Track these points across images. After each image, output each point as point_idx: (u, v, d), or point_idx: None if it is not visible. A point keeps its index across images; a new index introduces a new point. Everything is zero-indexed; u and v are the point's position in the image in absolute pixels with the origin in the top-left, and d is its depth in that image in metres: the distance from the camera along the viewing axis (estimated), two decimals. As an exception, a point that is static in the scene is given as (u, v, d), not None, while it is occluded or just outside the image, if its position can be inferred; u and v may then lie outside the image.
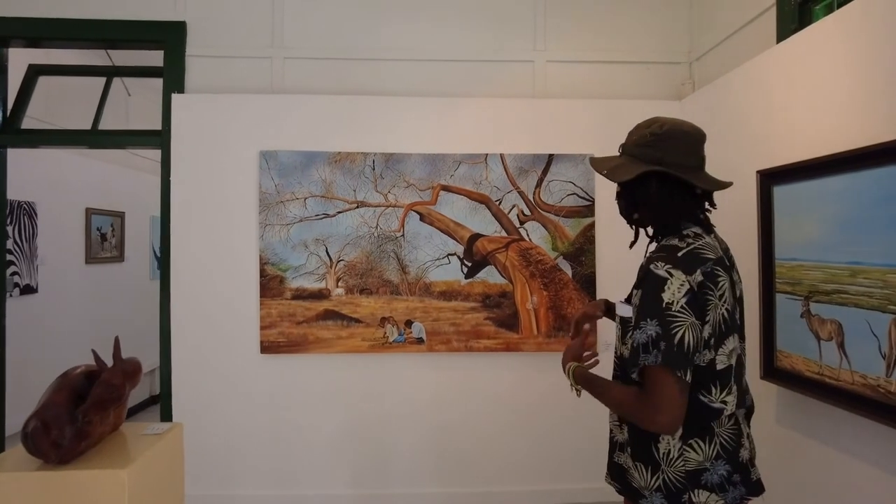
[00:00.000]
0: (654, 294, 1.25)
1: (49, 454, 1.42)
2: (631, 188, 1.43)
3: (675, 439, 1.31)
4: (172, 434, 1.75)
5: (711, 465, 1.30)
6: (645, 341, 1.24)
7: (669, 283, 1.24)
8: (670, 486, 1.30)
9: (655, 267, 1.28)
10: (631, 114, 2.96)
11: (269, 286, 2.92)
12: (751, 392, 1.47)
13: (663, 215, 1.41)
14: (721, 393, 1.31)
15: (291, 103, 2.97)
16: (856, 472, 1.78)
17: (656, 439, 1.32)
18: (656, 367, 1.22)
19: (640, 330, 1.25)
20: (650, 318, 1.24)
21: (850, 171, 1.73)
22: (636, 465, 1.36)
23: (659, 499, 1.32)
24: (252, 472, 2.94)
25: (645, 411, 1.24)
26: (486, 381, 2.99)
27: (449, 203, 2.97)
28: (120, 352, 1.62)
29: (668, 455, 1.31)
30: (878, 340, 1.61)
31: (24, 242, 3.75)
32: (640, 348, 1.25)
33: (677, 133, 1.38)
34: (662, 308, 1.23)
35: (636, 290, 1.34)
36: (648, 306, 1.26)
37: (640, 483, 1.35)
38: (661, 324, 1.23)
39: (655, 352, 1.22)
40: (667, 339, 1.22)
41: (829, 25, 1.90)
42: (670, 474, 1.31)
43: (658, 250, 1.35)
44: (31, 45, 3.15)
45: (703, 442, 1.30)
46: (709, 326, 1.28)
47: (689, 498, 1.29)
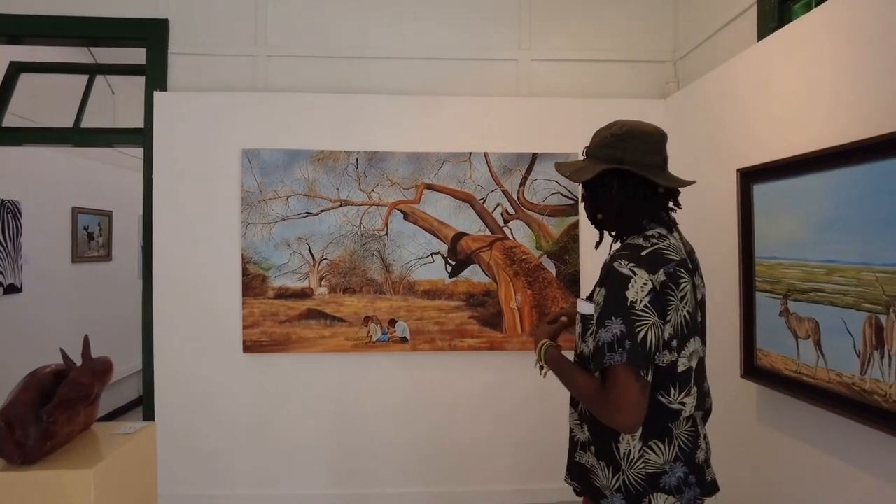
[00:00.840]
0: (617, 292, 1.25)
1: (12, 454, 1.40)
2: (594, 189, 1.44)
3: (636, 440, 1.30)
4: (144, 434, 1.73)
5: (670, 468, 1.30)
6: (610, 340, 1.23)
7: (633, 281, 1.24)
8: (630, 489, 1.30)
9: (619, 265, 1.27)
10: (616, 113, 2.95)
11: (251, 285, 2.90)
12: (711, 395, 1.47)
13: (625, 214, 1.41)
14: (680, 394, 1.30)
15: (274, 101, 2.95)
16: (832, 469, 1.77)
17: (617, 439, 1.32)
18: (620, 367, 1.21)
19: (605, 329, 1.24)
20: (615, 316, 1.23)
21: (826, 170, 1.73)
22: (600, 463, 1.35)
23: (619, 500, 1.31)
24: (235, 471, 2.92)
25: (607, 408, 1.23)
26: (470, 380, 2.98)
27: (433, 202, 2.96)
28: (89, 350, 1.61)
29: (629, 456, 1.31)
30: (853, 338, 1.61)
31: (7, 241, 3.71)
32: (605, 347, 1.23)
33: (637, 133, 1.38)
34: (627, 307, 1.23)
35: (599, 289, 1.32)
36: (613, 305, 1.25)
37: (602, 482, 1.34)
38: (625, 322, 1.22)
39: (620, 350, 1.21)
40: (631, 338, 1.21)
41: (808, 24, 1.90)
42: (630, 476, 1.30)
43: (622, 249, 1.35)
44: (13, 41, 3.12)
45: (662, 443, 1.30)
46: (669, 327, 1.27)
47: (648, 501, 1.29)
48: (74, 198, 4.44)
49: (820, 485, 1.83)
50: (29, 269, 3.93)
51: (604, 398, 1.24)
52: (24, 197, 3.88)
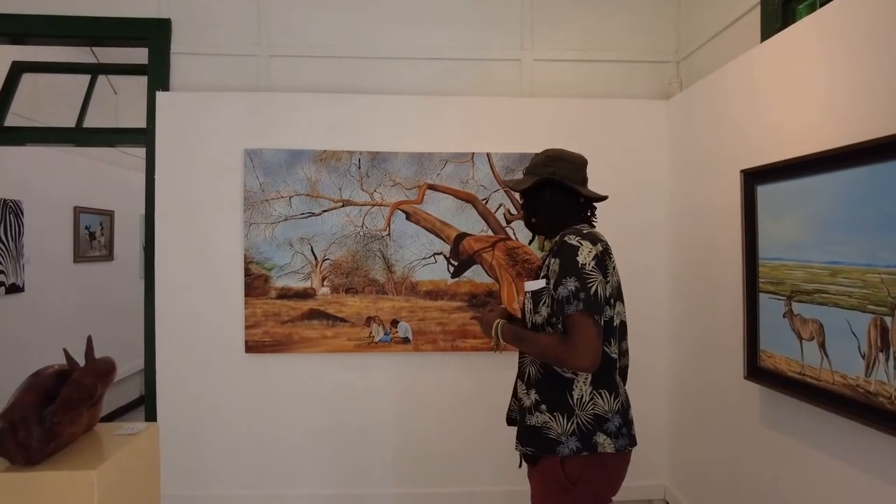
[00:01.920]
0: (570, 258, 1.56)
1: (15, 455, 1.40)
2: (531, 197, 1.80)
3: (587, 385, 1.59)
4: (147, 434, 1.73)
5: (612, 417, 1.59)
6: (566, 295, 1.52)
7: (581, 249, 1.58)
8: (583, 429, 1.57)
9: (569, 239, 1.60)
10: (618, 113, 3.01)
11: (253, 285, 2.90)
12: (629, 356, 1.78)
13: (555, 218, 1.76)
14: (614, 346, 1.63)
15: (277, 101, 2.95)
16: (837, 472, 1.77)
17: (570, 387, 1.59)
18: (578, 314, 1.50)
19: (563, 286, 1.54)
20: (569, 276, 1.54)
21: (830, 171, 1.72)
22: (553, 415, 1.60)
23: (574, 442, 1.57)
24: (236, 471, 2.92)
25: (569, 352, 1.49)
26: (472, 380, 2.98)
27: (435, 202, 2.96)
28: (92, 351, 1.60)
29: (581, 400, 1.58)
30: (858, 340, 1.61)
31: (9, 241, 3.72)
32: (563, 301, 1.53)
33: (565, 155, 1.77)
34: (578, 268, 1.54)
35: (554, 259, 1.61)
36: (567, 267, 1.55)
37: (557, 432, 1.58)
38: (578, 280, 1.53)
39: (576, 302, 1.51)
40: (585, 291, 1.52)
41: (812, 24, 1.89)
42: (582, 418, 1.58)
43: (567, 231, 1.66)
44: (16, 41, 3.12)
45: (608, 393, 1.60)
46: (609, 287, 1.61)
47: (595, 440, 1.56)
48: (76, 197, 4.45)
49: (824, 487, 1.83)
50: (31, 269, 3.93)
51: (567, 345, 1.51)
52: (27, 196, 3.88)
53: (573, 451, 1.56)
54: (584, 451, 1.55)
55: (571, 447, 1.56)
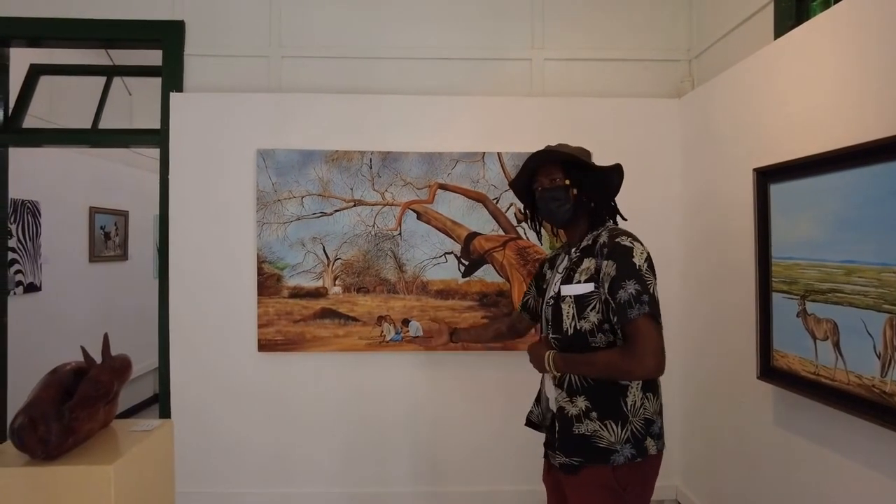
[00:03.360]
0: (627, 260, 1.51)
1: (36, 450, 1.43)
2: (589, 179, 1.69)
3: (638, 390, 1.54)
4: (162, 431, 1.76)
5: (656, 419, 1.57)
6: (628, 298, 1.46)
7: (635, 250, 1.52)
8: (637, 434, 1.52)
9: (621, 240, 1.54)
10: (630, 112, 3.00)
11: (266, 284, 2.92)
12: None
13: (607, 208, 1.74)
14: None
15: (289, 102, 2.97)
16: (851, 473, 1.75)
17: (624, 393, 1.54)
18: (642, 318, 1.45)
19: (623, 290, 1.48)
20: (628, 279, 1.48)
21: (845, 169, 1.71)
22: (605, 424, 1.53)
23: (629, 449, 1.51)
24: (249, 469, 2.95)
25: (635, 362, 1.43)
26: (483, 379, 2.98)
27: (446, 201, 2.97)
28: (109, 349, 1.63)
29: (635, 405, 1.54)
30: (873, 340, 1.59)
31: (27, 241, 3.78)
32: (626, 304, 1.46)
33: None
34: (636, 269, 1.49)
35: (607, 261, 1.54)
36: (625, 270, 1.49)
37: (610, 440, 1.52)
38: (638, 282, 1.47)
39: (639, 305, 1.45)
40: (647, 293, 1.47)
41: (826, 21, 1.88)
42: (635, 424, 1.53)
43: (612, 230, 1.61)
44: (33, 44, 3.17)
45: (653, 396, 1.57)
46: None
47: (645, 444, 1.53)
48: (91, 198, 4.51)
49: (838, 488, 1.81)
50: (48, 269, 4.00)
51: (632, 355, 1.44)
52: (43, 197, 3.95)
53: (628, 458, 1.50)
54: (638, 457, 1.51)
55: (626, 454, 1.50)
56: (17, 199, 3.61)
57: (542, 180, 1.70)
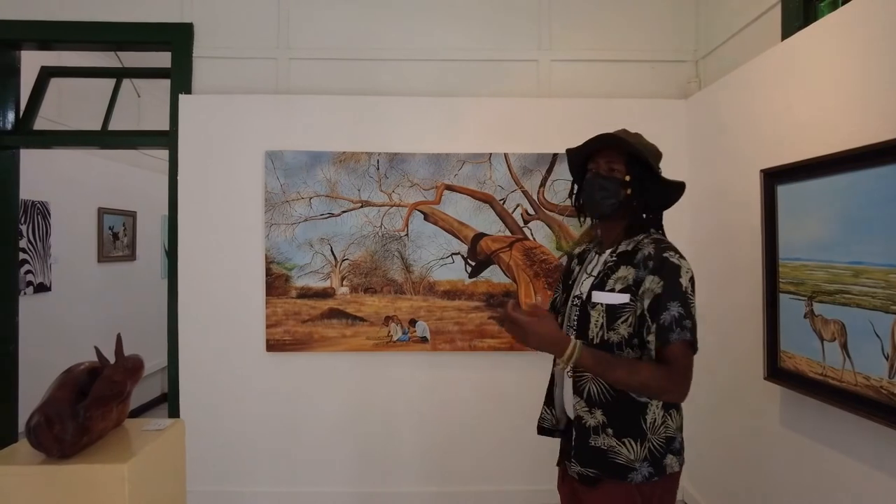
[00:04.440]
0: (674, 279, 1.42)
1: (51, 448, 1.45)
2: (653, 185, 1.59)
3: (659, 408, 1.46)
4: (174, 430, 1.78)
5: (677, 435, 1.49)
6: (671, 321, 1.38)
7: (683, 270, 1.44)
8: (654, 453, 1.45)
9: (670, 256, 1.45)
10: (637, 112, 3.00)
11: (274, 285, 2.94)
12: None
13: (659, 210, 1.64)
14: None
15: (297, 104, 2.99)
16: (859, 474, 1.75)
17: (643, 411, 1.46)
18: (682, 343, 1.38)
19: (668, 311, 1.39)
20: (673, 300, 1.40)
21: (853, 170, 1.71)
22: (622, 441, 1.45)
23: (646, 468, 1.44)
24: (257, 468, 2.97)
25: (674, 383, 1.38)
26: (489, 380, 3.00)
27: (453, 202, 2.98)
28: (122, 349, 1.65)
29: (654, 423, 1.46)
30: (881, 341, 1.59)
31: (37, 241, 3.81)
32: (668, 327, 1.38)
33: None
34: (682, 292, 1.41)
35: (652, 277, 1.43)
36: (672, 291, 1.41)
37: (628, 457, 1.45)
38: (683, 305, 1.40)
39: (680, 330, 1.38)
40: (690, 318, 1.40)
41: (834, 22, 1.88)
42: (654, 442, 1.45)
43: (659, 243, 1.50)
44: (43, 47, 3.20)
45: (676, 413, 1.50)
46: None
47: (665, 462, 1.46)
48: (100, 199, 4.54)
49: (845, 490, 1.81)
50: (57, 269, 4.03)
51: (673, 375, 1.38)
52: (53, 198, 3.98)
53: (646, 477, 1.43)
54: (656, 476, 1.44)
55: (644, 473, 1.43)
56: (27, 200, 3.64)
57: (601, 164, 1.58)
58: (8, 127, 3.13)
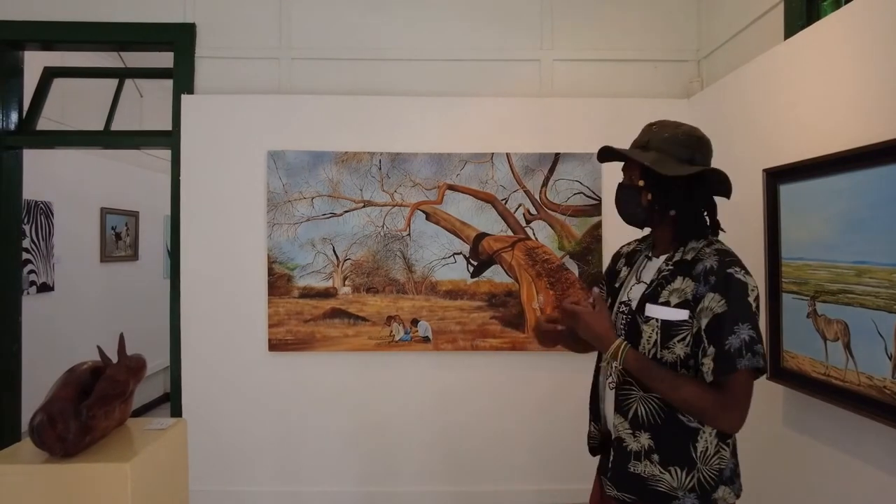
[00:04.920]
0: (742, 300, 1.28)
1: (54, 447, 1.46)
2: (667, 185, 1.42)
3: (713, 437, 1.34)
4: (176, 429, 1.78)
5: (729, 463, 1.37)
6: (740, 346, 1.26)
7: (750, 288, 1.30)
8: (704, 485, 1.33)
9: (735, 272, 1.30)
10: (638, 112, 2.98)
11: (276, 284, 2.95)
12: None
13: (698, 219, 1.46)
14: None
15: (299, 104, 2.99)
16: (861, 474, 1.75)
17: (694, 439, 1.34)
18: (748, 372, 1.27)
19: (735, 335, 1.26)
20: (742, 322, 1.27)
21: (856, 170, 1.70)
22: (668, 469, 1.34)
23: (692, 499, 1.33)
24: (260, 468, 2.98)
25: (727, 411, 1.27)
26: (491, 379, 2.99)
27: (455, 202, 2.98)
28: (125, 348, 1.65)
29: (706, 453, 1.34)
30: (885, 341, 1.59)
31: (40, 241, 3.82)
32: (736, 353, 1.25)
33: (707, 141, 1.45)
34: (752, 313, 1.28)
35: (714, 295, 1.30)
36: (739, 312, 1.27)
37: (671, 485, 1.34)
38: (752, 328, 1.27)
39: (750, 356, 1.25)
40: (760, 343, 1.27)
41: (837, 21, 1.87)
42: (705, 472, 1.33)
43: (724, 255, 1.35)
44: (46, 48, 3.21)
45: (732, 443, 1.38)
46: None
47: (716, 496, 1.33)
48: (103, 199, 4.55)
49: (849, 490, 1.81)
50: (60, 269, 4.04)
51: (725, 404, 1.27)
52: (56, 198, 3.99)
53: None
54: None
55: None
56: (30, 200, 3.66)
57: (624, 173, 1.52)
58: (11, 127, 3.14)
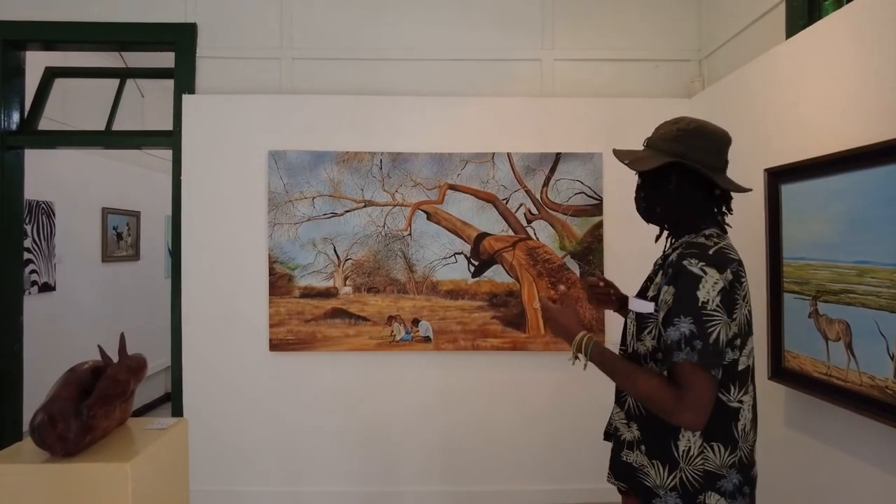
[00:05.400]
0: (689, 292, 1.25)
1: (55, 447, 1.46)
2: (652, 181, 1.45)
3: (696, 437, 1.31)
4: (177, 429, 1.78)
5: (727, 473, 1.31)
6: (678, 339, 1.23)
7: (704, 281, 1.25)
8: (687, 486, 1.31)
9: (689, 264, 1.27)
10: (639, 112, 3.00)
11: (277, 284, 2.95)
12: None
13: (681, 211, 1.43)
14: (738, 392, 1.33)
15: (300, 103, 2.99)
16: (863, 474, 1.75)
17: (676, 437, 1.32)
18: (690, 366, 1.22)
19: (674, 327, 1.24)
20: (685, 315, 1.24)
21: (858, 169, 1.70)
22: (653, 462, 1.35)
23: (674, 498, 1.32)
24: (260, 468, 2.98)
25: (675, 407, 1.23)
26: (492, 379, 2.99)
27: (456, 202, 2.98)
28: (125, 348, 1.65)
29: (689, 453, 1.32)
30: (887, 341, 1.58)
31: (42, 241, 3.83)
32: (673, 346, 1.24)
33: (703, 132, 1.40)
34: (698, 307, 1.23)
35: (667, 287, 1.31)
36: (684, 304, 1.25)
37: (654, 482, 1.34)
38: (695, 322, 1.23)
39: (688, 350, 1.22)
40: (702, 338, 1.22)
41: (838, 20, 1.87)
42: (689, 472, 1.31)
43: (688, 247, 1.33)
44: (48, 48, 3.21)
45: (724, 449, 1.32)
46: (734, 325, 1.29)
47: (703, 499, 1.30)
48: (104, 199, 4.56)
49: (851, 490, 1.80)
50: (62, 268, 4.04)
51: (673, 397, 1.24)
52: (57, 198, 4.00)
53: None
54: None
55: (669, 503, 1.32)
56: (32, 200, 3.66)
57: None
58: (13, 127, 3.14)
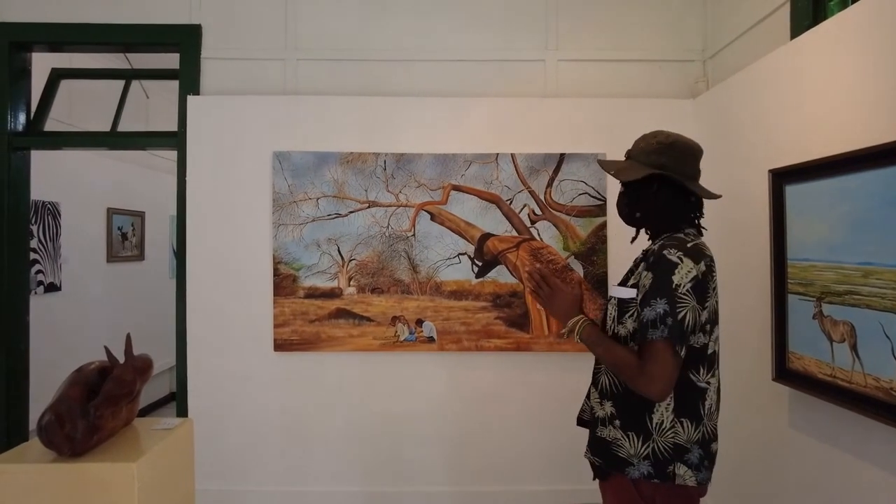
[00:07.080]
0: (664, 276, 1.42)
1: (62, 447, 1.47)
2: (635, 189, 1.63)
3: (669, 412, 1.47)
4: (183, 429, 1.79)
5: (691, 447, 1.48)
6: (653, 318, 1.40)
7: (679, 268, 1.42)
8: (658, 455, 1.47)
9: (668, 253, 1.45)
10: (644, 113, 2.99)
11: (282, 285, 2.96)
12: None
13: (663, 216, 1.61)
14: (706, 374, 1.50)
15: (304, 104, 3.00)
16: (869, 476, 1.74)
17: (650, 410, 1.48)
18: (659, 341, 1.39)
19: (650, 307, 1.41)
20: (659, 297, 1.41)
21: (863, 170, 1.70)
22: (627, 434, 1.51)
23: (646, 466, 1.47)
24: (265, 468, 2.99)
25: (643, 377, 1.40)
26: (496, 380, 3.00)
27: (460, 203, 2.98)
28: (132, 348, 1.66)
29: (661, 425, 1.47)
30: (892, 342, 1.58)
31: (48, 241, 3.85)
32: (648, 324, 1.41)
33: (681, 145, 1.60)
34: (672, 289, 1.41)
35: (646, 273, 1.48)
36: (659, 287, 1.42)
37: (628, 452, 1.50)
38: (669, 303, 1.40)
39: (662, 327, 1.38)
40: (673, 317, 1.39)
41: (843, 21, 1.87)
42: (660, 443, 1.47)
43: (668, 240, 1.51)
44: (54, 49, 3.23)
45: (691, 425, 1.48)
46: (706, 312, 1.46)
47: (672, 469, 1.46)
48: (109, 199, 4.58)
49: (854, 492, 1.80)
50: (67, 269, 4.06)
51: (642, 370, 1.40)
52: (63, 198, 4.02)
53: (643, 475, 1.47)
54: (656, 478, 1.46)
55: (642, 471, 1.47)
56: (38, 200, 3.68)
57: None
58: (19, 128, 3.16)
